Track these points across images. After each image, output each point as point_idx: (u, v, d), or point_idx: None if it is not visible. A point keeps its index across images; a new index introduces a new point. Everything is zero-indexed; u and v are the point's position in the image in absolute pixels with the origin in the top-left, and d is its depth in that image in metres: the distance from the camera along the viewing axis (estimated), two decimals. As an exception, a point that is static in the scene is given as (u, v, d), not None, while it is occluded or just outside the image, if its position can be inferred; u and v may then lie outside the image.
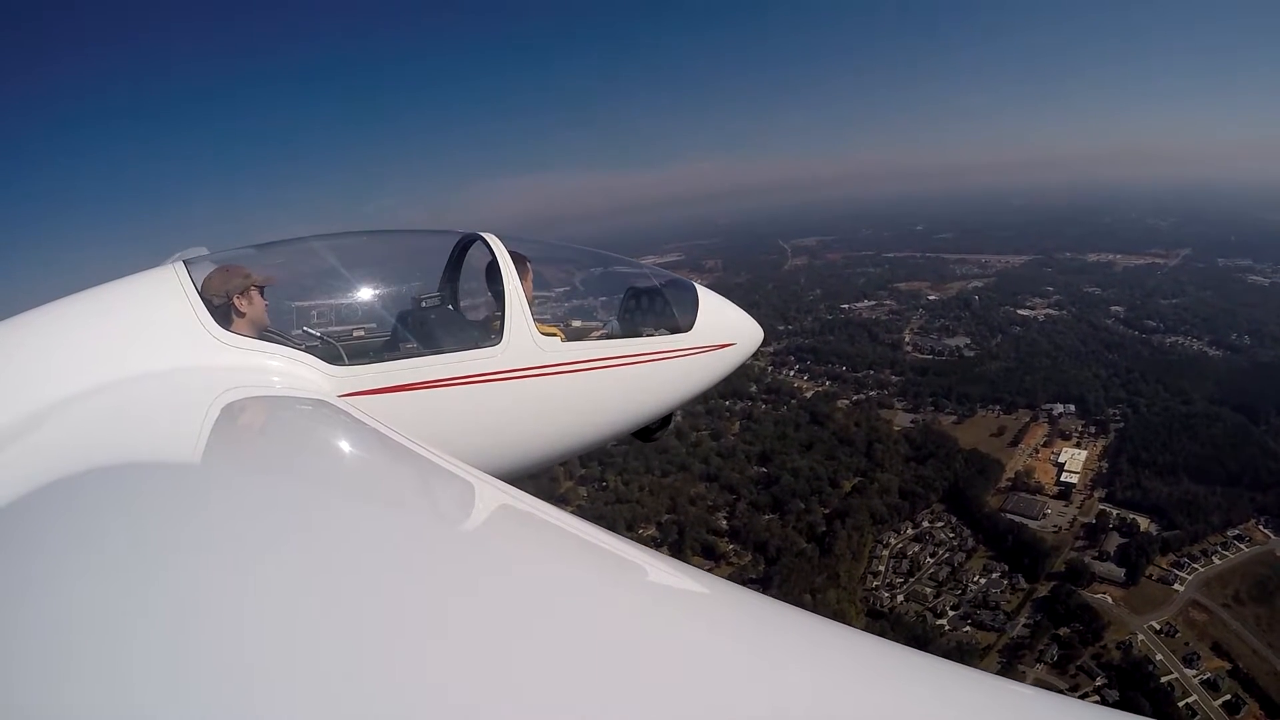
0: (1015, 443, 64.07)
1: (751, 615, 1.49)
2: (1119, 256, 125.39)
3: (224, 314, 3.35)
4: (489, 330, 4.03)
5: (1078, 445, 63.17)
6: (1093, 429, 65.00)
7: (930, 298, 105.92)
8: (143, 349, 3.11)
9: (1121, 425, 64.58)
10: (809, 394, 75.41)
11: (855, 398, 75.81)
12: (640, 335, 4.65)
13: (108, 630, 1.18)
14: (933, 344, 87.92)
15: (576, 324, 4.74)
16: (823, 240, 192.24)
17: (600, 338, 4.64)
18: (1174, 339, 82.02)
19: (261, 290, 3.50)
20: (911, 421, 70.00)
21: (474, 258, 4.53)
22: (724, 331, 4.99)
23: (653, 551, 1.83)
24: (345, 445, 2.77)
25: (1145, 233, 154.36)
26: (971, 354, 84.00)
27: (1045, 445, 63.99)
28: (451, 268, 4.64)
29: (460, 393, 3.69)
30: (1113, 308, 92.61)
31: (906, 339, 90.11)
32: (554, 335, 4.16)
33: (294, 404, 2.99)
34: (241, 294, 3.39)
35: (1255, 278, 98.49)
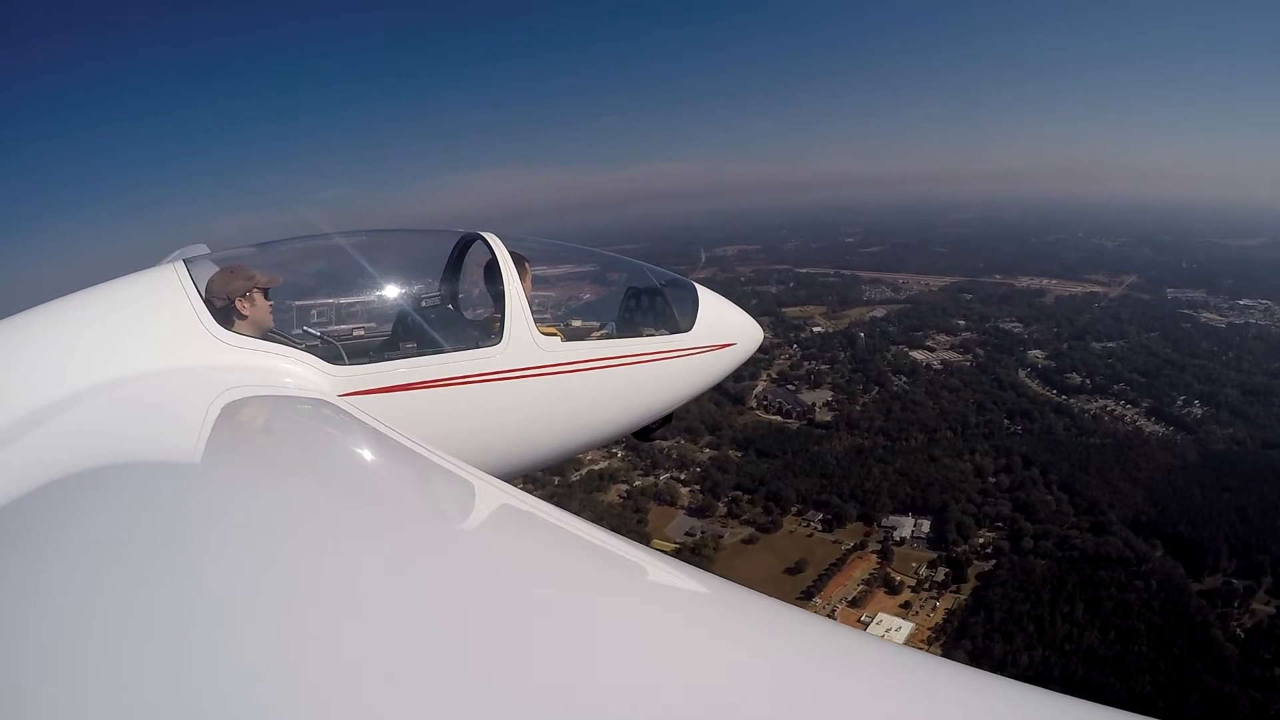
0: (811, 593, 40.15)
1: (752, 615, 1.45)
2: (1053, 283, 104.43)
3: (225, 314, 3.29)
4: (489, 330, 3.96)
5: (905, 607, 39.27)
6: (943, 573, 41.43)
7: (815, 329, 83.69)
8: (143, 348, 3.06)
9: (990, 568, 41.15)
10: (588, 469, 52.15)
11: (638, 482, 53.14)
12: (640, 335, 4.57)
13: (109, 630, 1.17)
14: (784, 400, 65.16)
15: (576, 324, 4.64)
16: (744, 250, 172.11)
17: (600, 338, 4.53)
18: (1102, 404, 60.36)
19: (266, 292, 3.42)
20: (686, 534, 46.95)
21: (474, 257, 4.48)
22: (724, 331, 4.90)
23: (653, 551, 1.79)
24: (345, 445, 2.72)
25: (1089, 254, 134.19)
26: (828, 418, 61.37)
27: (855, 602, 39.65)
28: (451, 267, 4.55)
29: (460, 392, 3.63)
30: (1031, 353, 71.02)
31: (758, 388, 67.33)
32: (554, 335, 4.09)
33: (294, 404, 2.96)
34: (243, 297, 3.31)
35: (1209, 316, 78.87)
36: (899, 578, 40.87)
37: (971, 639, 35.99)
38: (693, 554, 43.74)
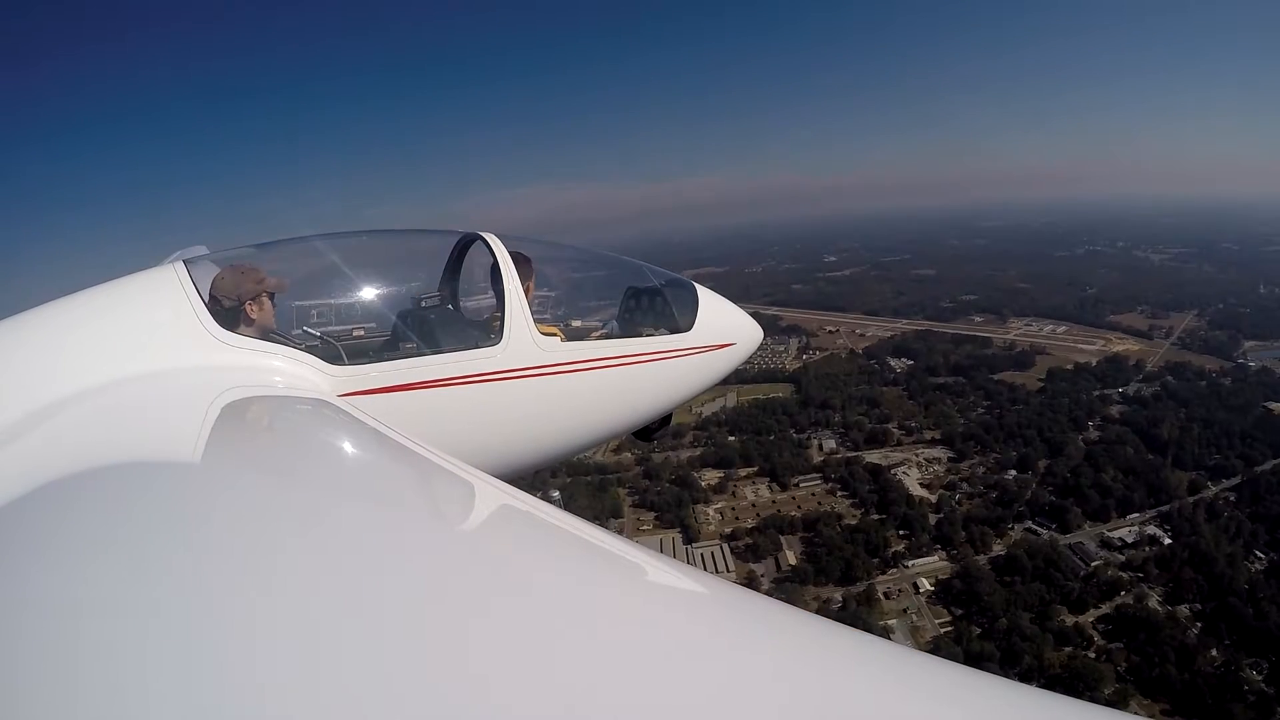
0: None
1: (751, 615, 1.46)
2: (1060, 331, 76.15)
3: (227, 314, 3.25)
4: (489, 330, 3.92)
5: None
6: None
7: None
8: (143, 349, 3.04)
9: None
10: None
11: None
12: (640, 335, 4.52)
13: (108, 630, 1.17)
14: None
15: (576, 324, 4.59)
16: (706, 274, 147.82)
17: (600, 338, 4.49)
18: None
19: (272, 296, 3.42)
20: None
21: (474, 258, 4.44)
22: (723, 331, 4.86)
23: (653, 552, 1.79)
24: (345, 445, 2.71)
25: (1127, 274, 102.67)
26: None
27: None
28: (451, 267, 4.51)
29: (460, 392, 3.60)
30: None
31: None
32: (554, 335, 4.06)
33: (294, 404, 2.95)
34: (253, 300, 3.32)
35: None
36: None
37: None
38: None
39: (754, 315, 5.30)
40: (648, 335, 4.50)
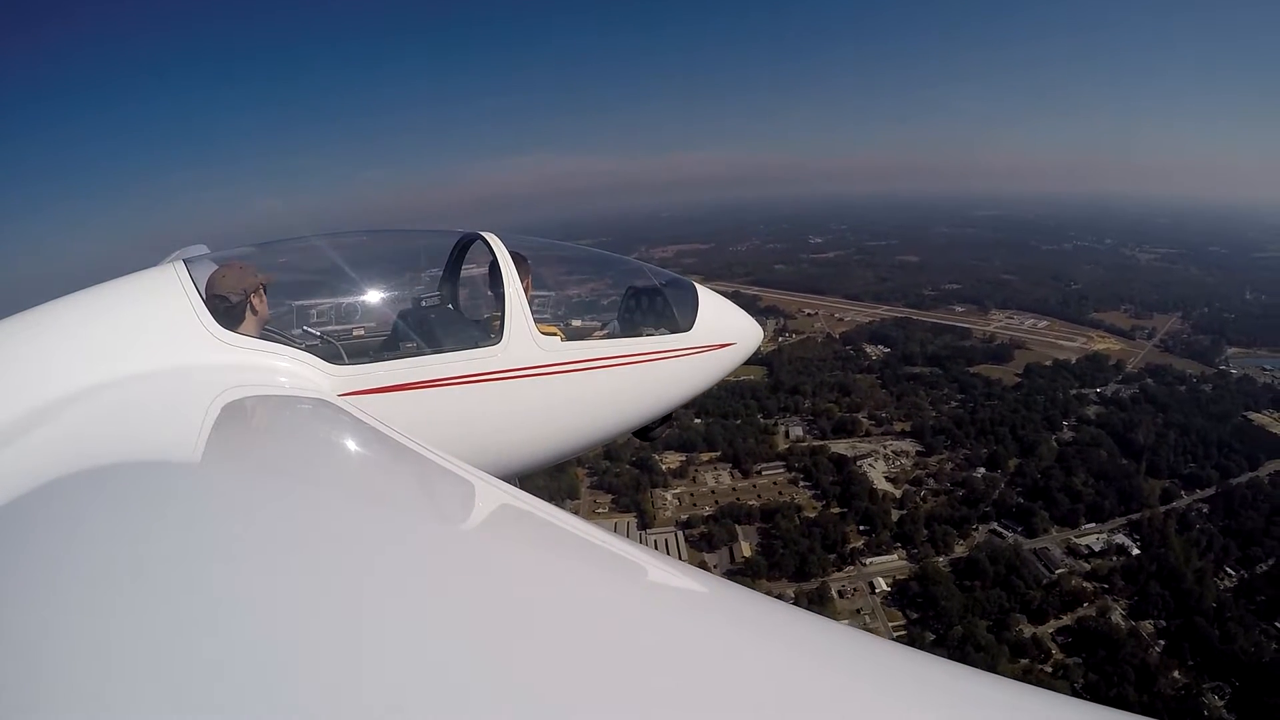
0: None
1: (751, 615, 1.47)
2: (1041, 326, 74.32)
3: (227, 313, 3.25)
4: (489, 330, 3.94)
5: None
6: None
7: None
8: (143, 348, 3.04)
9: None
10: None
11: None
12: (640, 335, 4.52)
13: (107, 630, 1.18)
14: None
15: (576, 324, 4.62)
16: (689, 249, 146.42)
17: (600, 337, 4.51)
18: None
19: (265, 289, 3.44)
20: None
21: (474, 257, 4.48)
22: (724, 331, 4.85)
23: (653, 551, 1.81)
24: (345, 444, 2.73)
25: (1114, 271, 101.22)
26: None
27: None
28: (451, 267, 4.53)
29: (460, 392, 3.59)
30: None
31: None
32: (554, 335, 4.07)
33: (294, 403, 2.96)
34: (255, 293, 3.32)
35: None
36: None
37: None
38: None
39: (733, 295, 5.41)
40: (648, 335, 4.45)
